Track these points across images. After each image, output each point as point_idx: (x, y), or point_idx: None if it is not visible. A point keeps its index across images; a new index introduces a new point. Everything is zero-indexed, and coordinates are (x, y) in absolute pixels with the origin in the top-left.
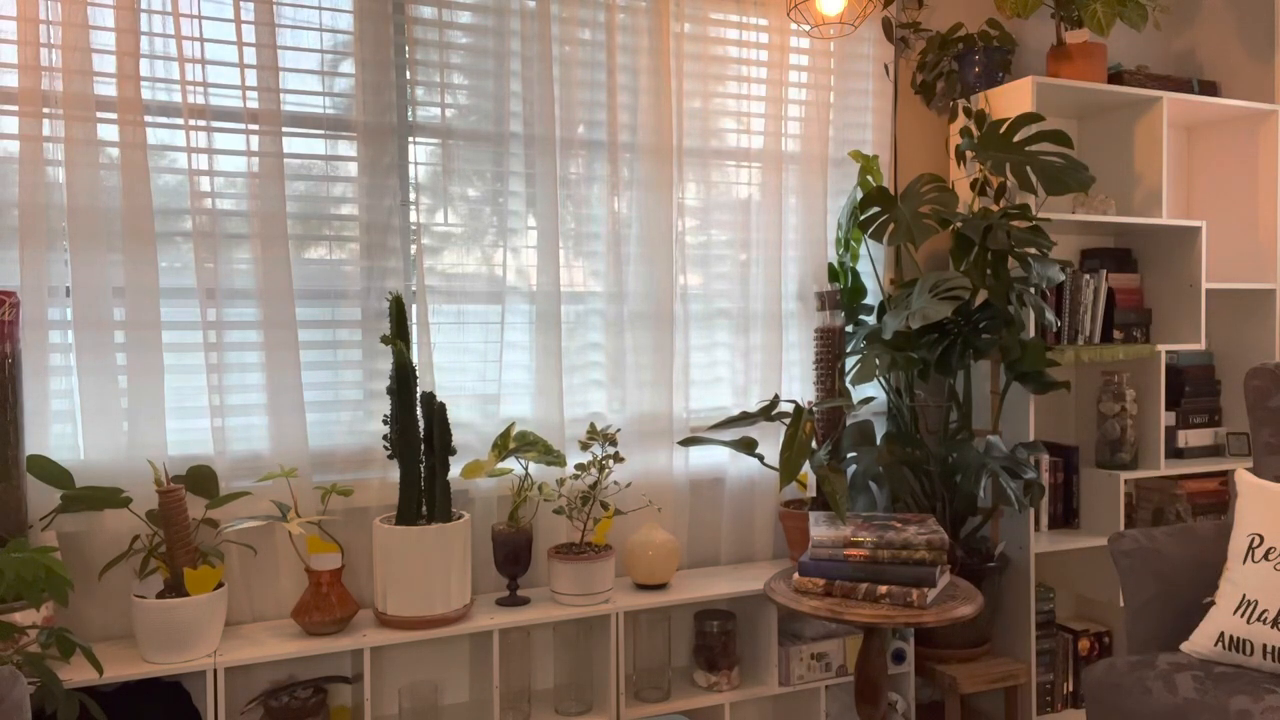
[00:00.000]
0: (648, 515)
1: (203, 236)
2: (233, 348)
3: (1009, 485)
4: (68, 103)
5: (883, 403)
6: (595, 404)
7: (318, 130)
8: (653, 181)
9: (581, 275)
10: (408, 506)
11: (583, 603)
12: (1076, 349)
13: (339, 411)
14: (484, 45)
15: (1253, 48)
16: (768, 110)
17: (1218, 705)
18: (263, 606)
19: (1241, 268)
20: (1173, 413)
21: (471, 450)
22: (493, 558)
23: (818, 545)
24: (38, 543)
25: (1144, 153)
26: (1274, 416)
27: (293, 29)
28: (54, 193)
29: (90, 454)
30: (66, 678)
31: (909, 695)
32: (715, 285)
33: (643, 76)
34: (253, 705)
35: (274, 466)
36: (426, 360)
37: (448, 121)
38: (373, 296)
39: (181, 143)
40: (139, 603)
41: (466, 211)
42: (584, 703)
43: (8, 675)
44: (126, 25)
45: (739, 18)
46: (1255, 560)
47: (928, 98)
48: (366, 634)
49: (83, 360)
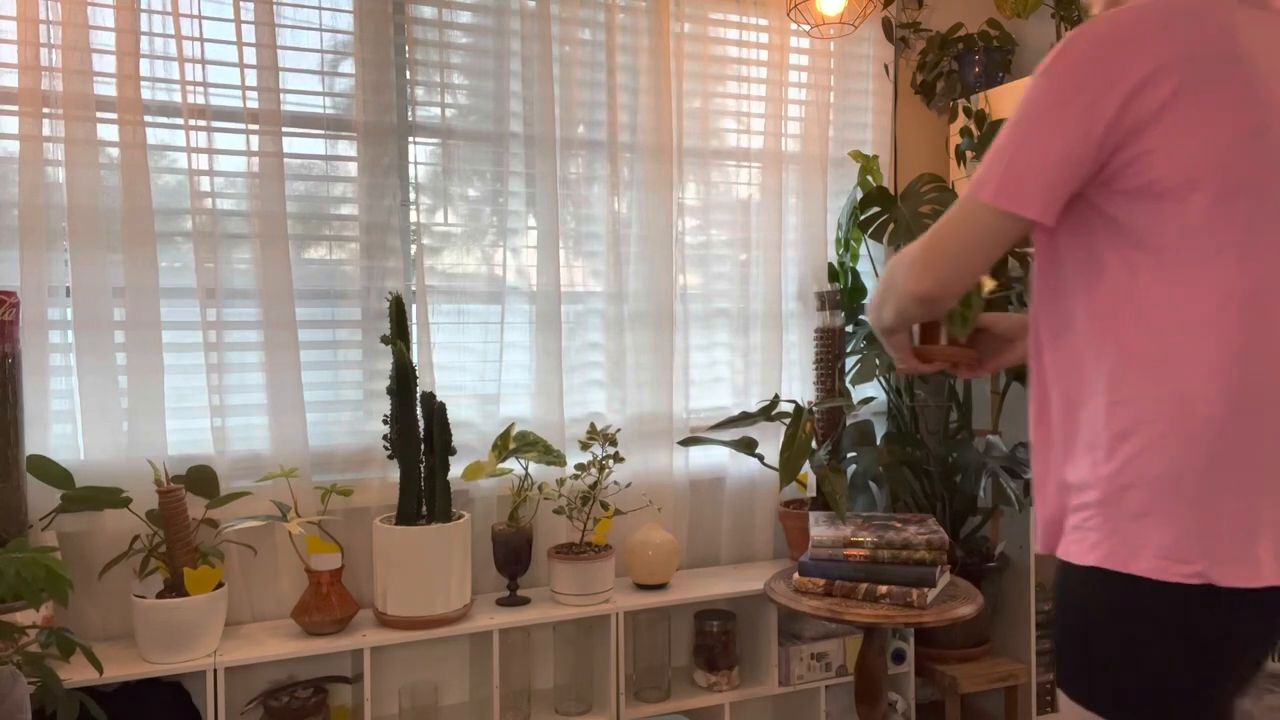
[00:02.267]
0: (648, 515)
1: (203, 236)
2: (233, 348)
3: (1009, 485)
4: (68, 103)
5: (883, 403)
6: (595, 404)
7: (318, 130)
8: (653, 181)
9: (581, 275)
10: (408, 506)
11: (583, 603)
12: None
13: (339, 411)
14: (484, 45)
15: None
16: (768, 110)
17: None
18: (263, 606)
19: None
20: None
21: (471, 450)
22: (493, 558)
23: (818, 545)
24: (38, 543)
25: None
26: None
27: (293, 29)
28: (54, 193)
29: (90, 454)
30: (66, 678)
31: (909, 695)
32: (715, 285)
33: (643, 76)
34: (253, 705)
35: (274, 466)
36: (426, 360)
37: (448, 121)
38: (373, 296)
39: (181, 143)
40: (139, 603)
41: (466, 211)
42: (584, 703)
43: (8, 675)
44: (126, 25)
45: (739, 18)
46: None
47: (928, 98)
48: (366, 634)
49: (83, 360)
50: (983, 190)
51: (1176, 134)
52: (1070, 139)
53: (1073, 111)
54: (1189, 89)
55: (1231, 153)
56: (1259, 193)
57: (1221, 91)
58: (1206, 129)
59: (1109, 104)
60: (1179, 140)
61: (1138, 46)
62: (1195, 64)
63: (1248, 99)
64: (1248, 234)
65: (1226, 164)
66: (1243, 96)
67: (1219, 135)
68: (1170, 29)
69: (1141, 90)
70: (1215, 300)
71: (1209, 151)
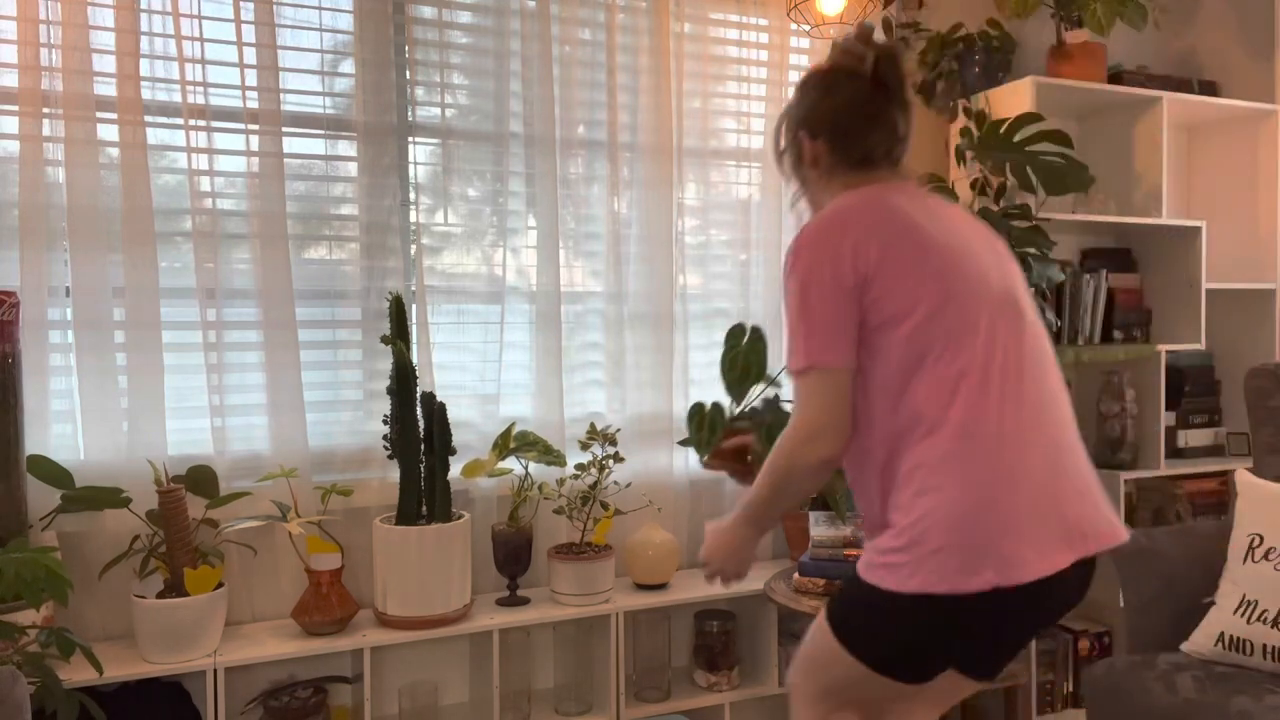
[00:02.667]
0: (648, 515)
1: (203, 236)
2: (233, 348)
3: None
4: (68, 103)
5: None
6: (595, 404)
7: (318, 130)
8: (653, 181)
9: (581, 275)
10: (408, 506)
11: (583, 603)
12: (1076, 349)
13: (339, 411)
14: (484, 45)
15: (1253, 48)
16: (768, 110)
17: (1218, 705)
18: (263, 606)
19: (1241, 268)
20: (1173, 413)
21: (471, 450)
22: (493, 558)
23: (818, 545)
24: (38, 543)
25: (1144, 153)
26: (1274, 416)
27: (293, 29)
28: (54, 193)
29: (90, 454)
30: (66, 678)
31: None
32: (715, 285)
33: (643, 76)
34: (253, 705)
35: (274, 466)
36: (426, 360)
37: (448, 121)
38: (373, 296)
39: (181, 143)
40: (139, 603)
41: (466, 211)
42: (584, 703)
43: (8, 675)
44: (126, 25)
45: (739, 18)
46: (1255, 560)
47: (928, 98)
48: (366, 634)
49: (83, 360)
50: (797, 362)
51: (890, 280)
52: (835, 301)
53: (826, 283)
54: (889, 249)
55: (925, 288)
56: (952, 309)
57: (908, 249)
58: (907, 276)
59: (845, 268)
60: (893, 285)
61: (844, 228)
62: (886, 232)
63: (926, 249)
64: (949, 338)
65: (924, 297)
66: (922, 248)
67: (915, 277)
68: (860, 214)
69: (860, 250)
70: (946, 386)
71: (912, 289)
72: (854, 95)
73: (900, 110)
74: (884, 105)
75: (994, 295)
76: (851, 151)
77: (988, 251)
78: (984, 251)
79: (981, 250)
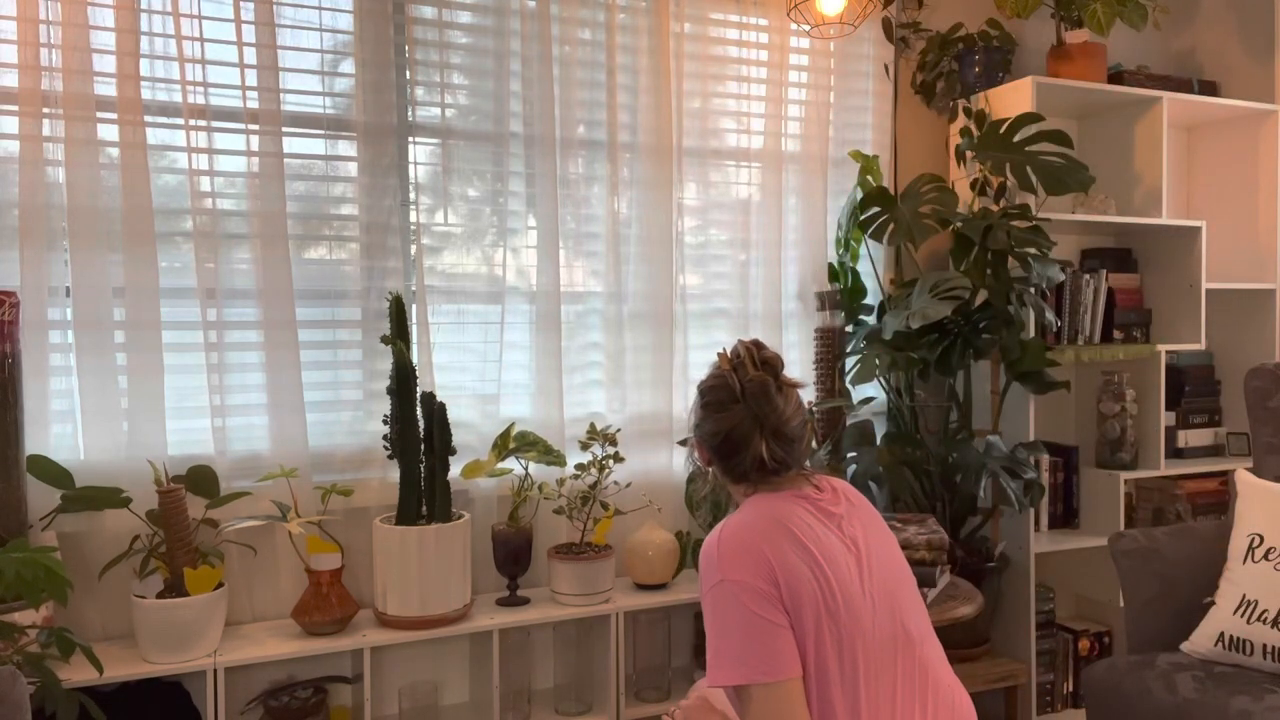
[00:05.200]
0: (648, 515)
1: (203, 236)
2: (233, 348)
3: (1009, 485)
4: (68, 103)
5: (883, 403)
6: (595, 404)
7: (318, 130)
8: (653, 181)
9: (581, 275)
10: (408, 506)
11: (583, 603)
12: (1076, 349)
13: (339, 411)
14: (484, 45)
15: (1253, 48)
16: (767, 110)
17: (1218, 705)
18: (263, 606)
19: (1241, 268)
20: (1173, 413)
21: (471, 450)
22: (493, 558)
23: None
24: (38, 543)
25: (1144, 153)
26: (1274, 416)
27: (293, 29)
28: (54, 193)
29: (90, 454)
30: (66, 678)
31: None
32: (715, 285)
33: (643, 76)
34: (253, 705)
35: (274, 466)
36: (426, 360)
37: (448, 121)
38: (373, 296)
39: (181, 143)
40: (139, 603)
41: (466, 211)
42: (584, 703)
43: (8, 675)
44: (126, 25)
45: (739, 18)
46: (1255, 560)
47: (928, 98)
48: (366, 634)
49: (83, 360)
50: (753, 679)
51: (790, 590)
52: (761, 613)
53: (748, 602)
54: (783, 569)
55: (817, 605)
56: (844, 624)
57: (800, 566)
58: (802, 594)
59: (761, 582)
60: (794, 599)
61: (750, 547)
62: (783, 544)
63: (818, 565)
64: (838, 648)
65: (819, 615)
66: (814, 565)
67: (811, 591)
68: (761, 527)
69: (772, 565)
70: (841, 686)
71: (808, 605)
72: (724, 422)
73: (772, 438)
74: (750, 432)
75: (856, 609)
76: (732, 471)
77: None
78: (852, 565)
79: (849, 563)
